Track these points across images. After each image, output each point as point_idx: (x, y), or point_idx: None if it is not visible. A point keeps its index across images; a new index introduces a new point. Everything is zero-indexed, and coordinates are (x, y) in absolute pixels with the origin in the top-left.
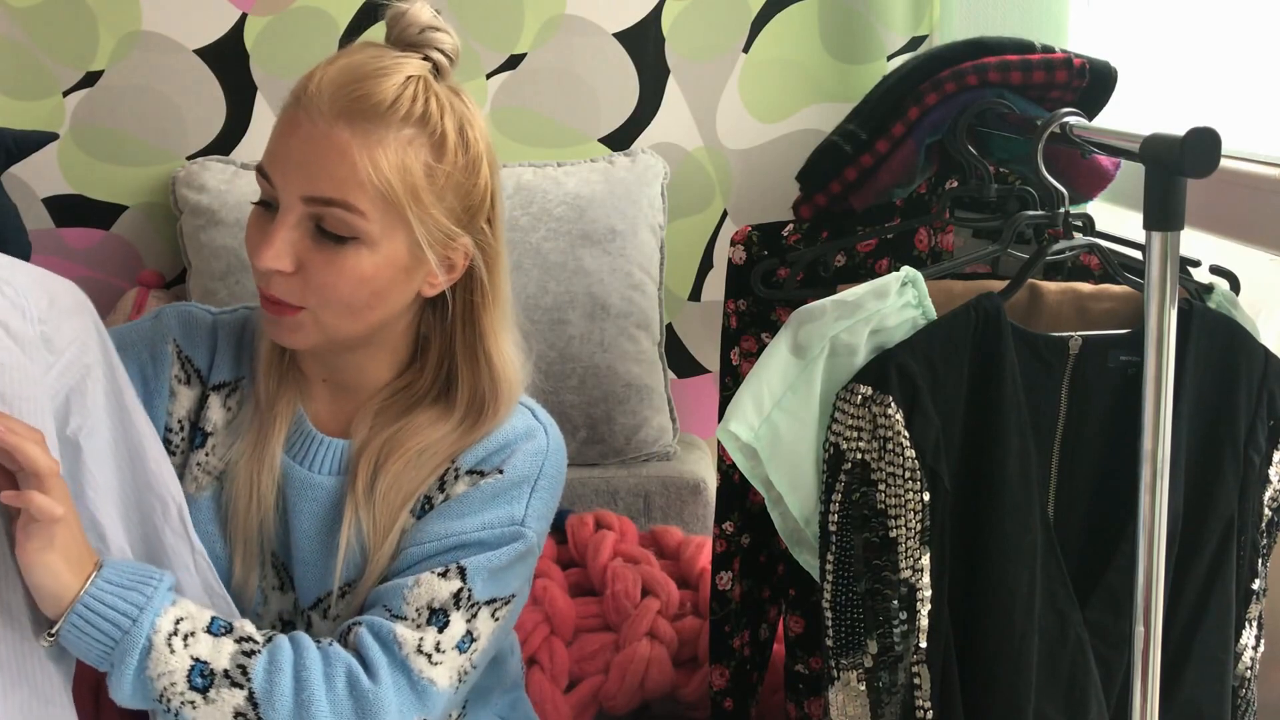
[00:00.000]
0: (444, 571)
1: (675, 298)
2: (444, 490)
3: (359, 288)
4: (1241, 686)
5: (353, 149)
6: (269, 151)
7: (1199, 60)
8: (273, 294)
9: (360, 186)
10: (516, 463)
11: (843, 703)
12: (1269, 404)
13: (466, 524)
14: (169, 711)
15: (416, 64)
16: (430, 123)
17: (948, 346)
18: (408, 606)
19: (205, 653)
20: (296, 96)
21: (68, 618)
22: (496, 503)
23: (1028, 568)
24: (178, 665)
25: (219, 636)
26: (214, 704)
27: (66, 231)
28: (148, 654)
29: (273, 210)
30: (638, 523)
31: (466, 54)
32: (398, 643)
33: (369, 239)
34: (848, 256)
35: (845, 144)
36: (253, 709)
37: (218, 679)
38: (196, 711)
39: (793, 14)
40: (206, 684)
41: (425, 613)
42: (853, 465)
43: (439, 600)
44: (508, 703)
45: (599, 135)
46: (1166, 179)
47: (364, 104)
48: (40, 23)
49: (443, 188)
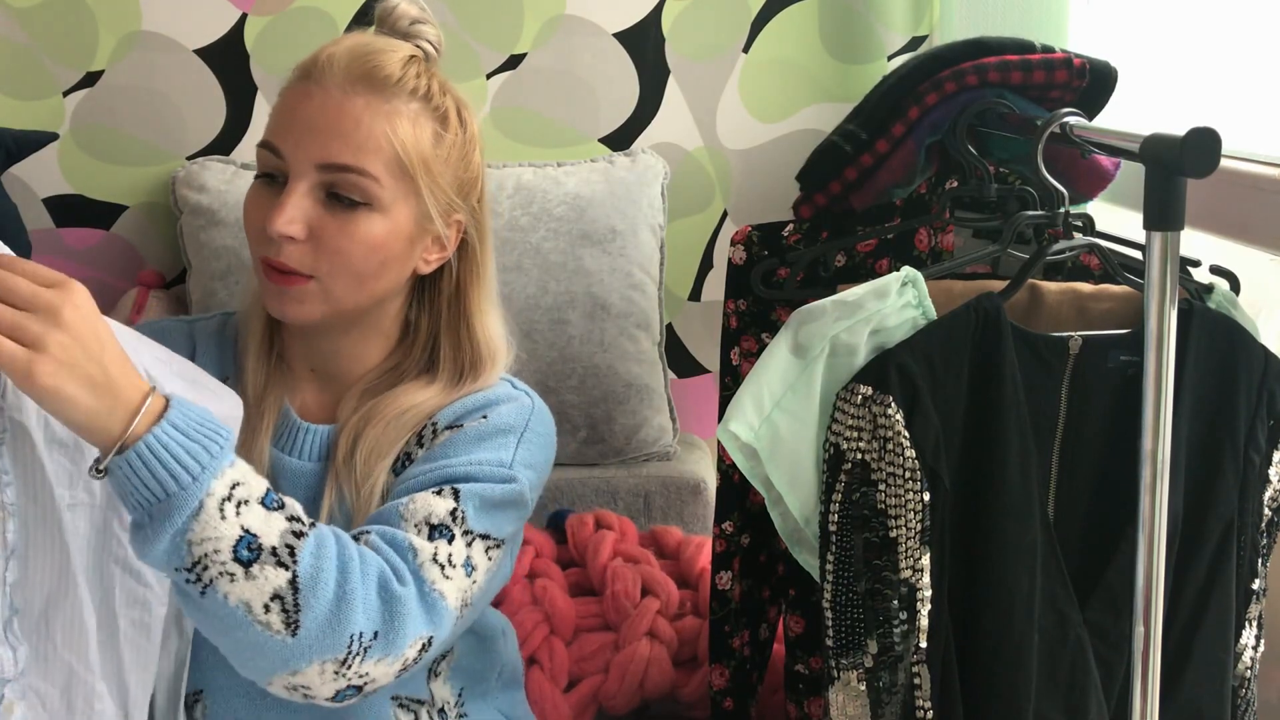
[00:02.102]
0: (438, 490)
1: (675, 298)
2: (422, 445)
3: (370, 254)
4: (1241, 686)
5: (367, 116)
6: (276, 125)
7: (1199, 60)
8: (283, 261)
9: (375, 153)
10: (501, 413)
11: (843, 703)
12: (1269, 404)
13: (454, 460)
14: (196, 581)
15: (412, 49)
16: (434, 99)
17: (948, 346)
18: (405, 524)
19: (256, 524)
20: (305, 71)
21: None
22: (483, 445)
23: (1028, 568)
24: (226, 534)
25: (271, 510)
26: (253, 580)
27: (66, 231)
28: (195, 516)
29: (278, 183)
30: (638, 523)
31: (467, 54)
32: (413, 550)
33: (380, 205)
34: (848, 256)
35: (845, 144)
36: (292, 594)
37: (264, 555)
38: (233, 585)
39: (793, 14)
40: (252, 558)
41: (425, 528)
42: (853, 465)
43: (437, 516)
44: (508, 701)
45: (599, 135)
46: (1166, 179)
47: (376, 75)
48: (40, 23)
49: (446, 161)
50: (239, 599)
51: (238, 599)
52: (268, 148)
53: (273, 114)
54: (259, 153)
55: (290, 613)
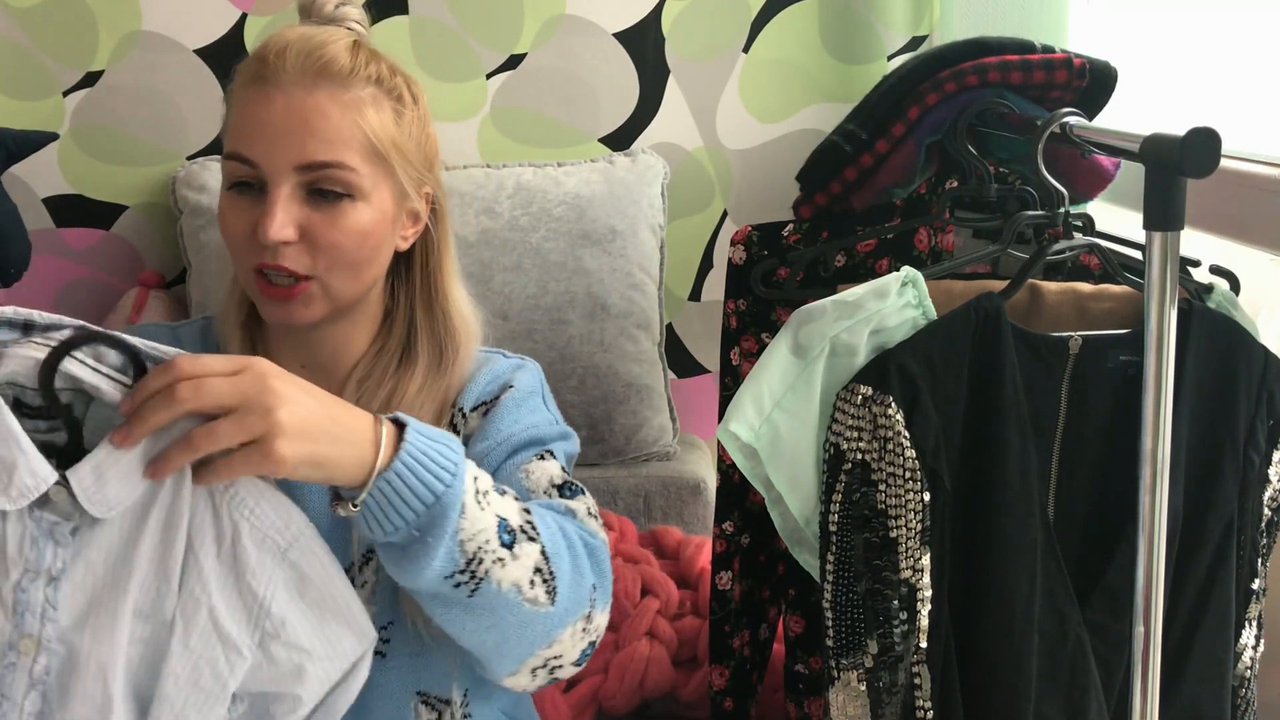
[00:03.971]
0: (540, 455)
1: (675, 298)
2: (457, 430)
3: (362, 243)
4: (1241, 686)
5: (334, 110)
6: (242, 134)
7: (1199, 60)
8: (280, 265)
9: (349, 144)
10: (520, 380)
11: (843, 703)
12: (1269, 404)
13: (518, 428)
14: (470, 579)
15: (349, 33)
16: (385, 81)
17: (948, 346)
18: (536, 495)
19: (503, 509)
20: (257, 75)
21: (383, 479)
22: (523, 409)
23: (1028, 568)
24: (488, 523)
25: (501, 494)
26: (518, 560)
27: (66, 231)
28: (463, 514)
29: (254, 190)
30: (638, 523)
31: (467, 54)
32: (570, 510)
33: (362, 194)
34: (848, 256)
35: (845, 144)
36: (545, 563)
37: (518, 534)
38: (504, 570)
39: (793, 14)
40: (511, 540)
41: (554, 491)
42: (853, 465)
43: (557, 477)
44: (511, 700)
45: (599, 135)
46: (1166, 179)
47: (332, 67)
48: (40, 23)
49: (410, 136)
50: (511, 582)
51: (510, 582)
52: (238, 159)
53: (233, 123)
54: (227, 165)
55: (549, 581)
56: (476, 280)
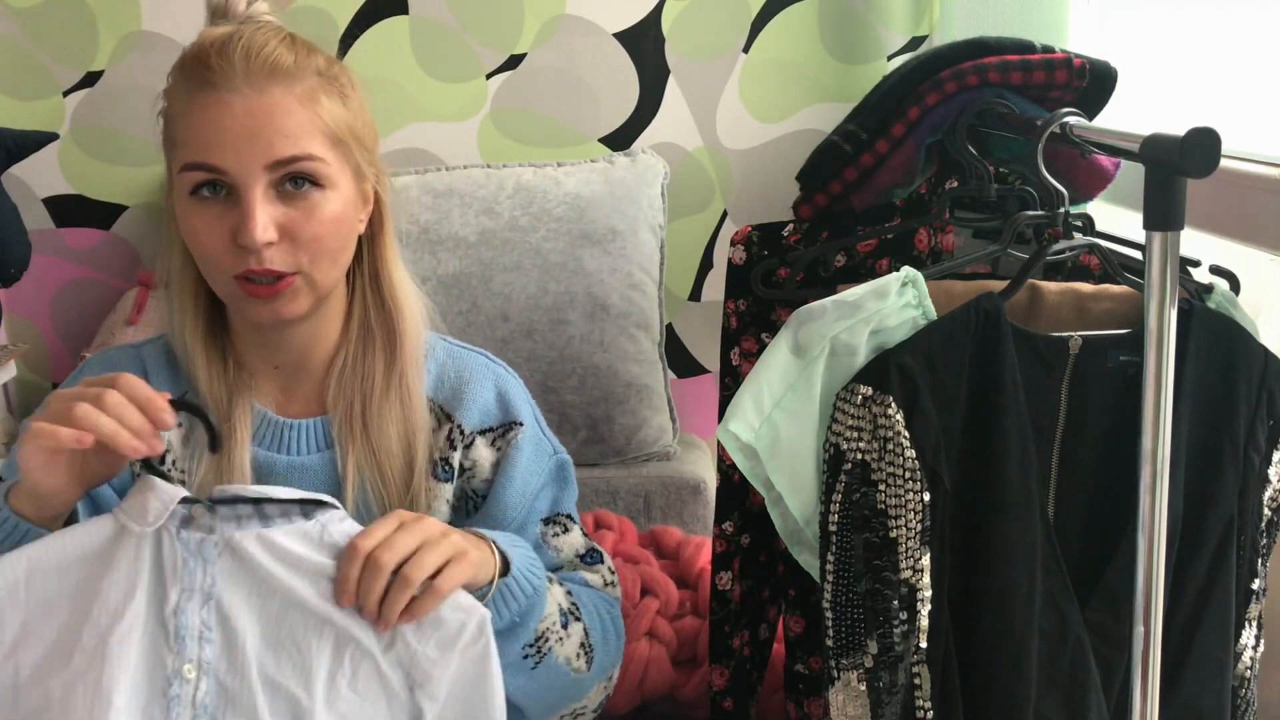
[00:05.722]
0: (565, 527)
1: (675, 298)
2: (455, 449)
3: (337, 230)
4: (1241, 686)
5: (294, 105)
6: (202, 142)
7: (1199, 60)
8: (267, 269)
9: (312, 135)
10: (517, 408)
11: (843, 703)
12: (1269, 404)
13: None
14: (537, 654)
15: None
16: (324, 71)
17: (948, 346)
18: (563, 564)
19: (559, 597)
20: (206, 82)
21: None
22: (540, 456)
23: (1028, 568)
24: (553, 610)
25: (551, 583)
26: (571, 637)
27: (66, 231)
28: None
29: (220, 196)
30: (638, 523)
31: (467, 54)
32: (588, 582)
33: (330, 182)
34: (848, 256)
35: (845, 144)
36: (587, 638)
37: (569, 617)
38: (561, 646)
39: (793, 14)
40: (565, 621)
41: (578, 561)
42: (853, 465)
43: (581, 547)
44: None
45: (599, 135)
46: (1166, 179)
47: (279, 65)
48: (40, 23)
49: (358, 119)
50: (564, 655)
51: (564, 656)
52: (203, 168)
53: (186, 134)
54: (186, 175)
55: (589, 653)
56: (476, 280)
